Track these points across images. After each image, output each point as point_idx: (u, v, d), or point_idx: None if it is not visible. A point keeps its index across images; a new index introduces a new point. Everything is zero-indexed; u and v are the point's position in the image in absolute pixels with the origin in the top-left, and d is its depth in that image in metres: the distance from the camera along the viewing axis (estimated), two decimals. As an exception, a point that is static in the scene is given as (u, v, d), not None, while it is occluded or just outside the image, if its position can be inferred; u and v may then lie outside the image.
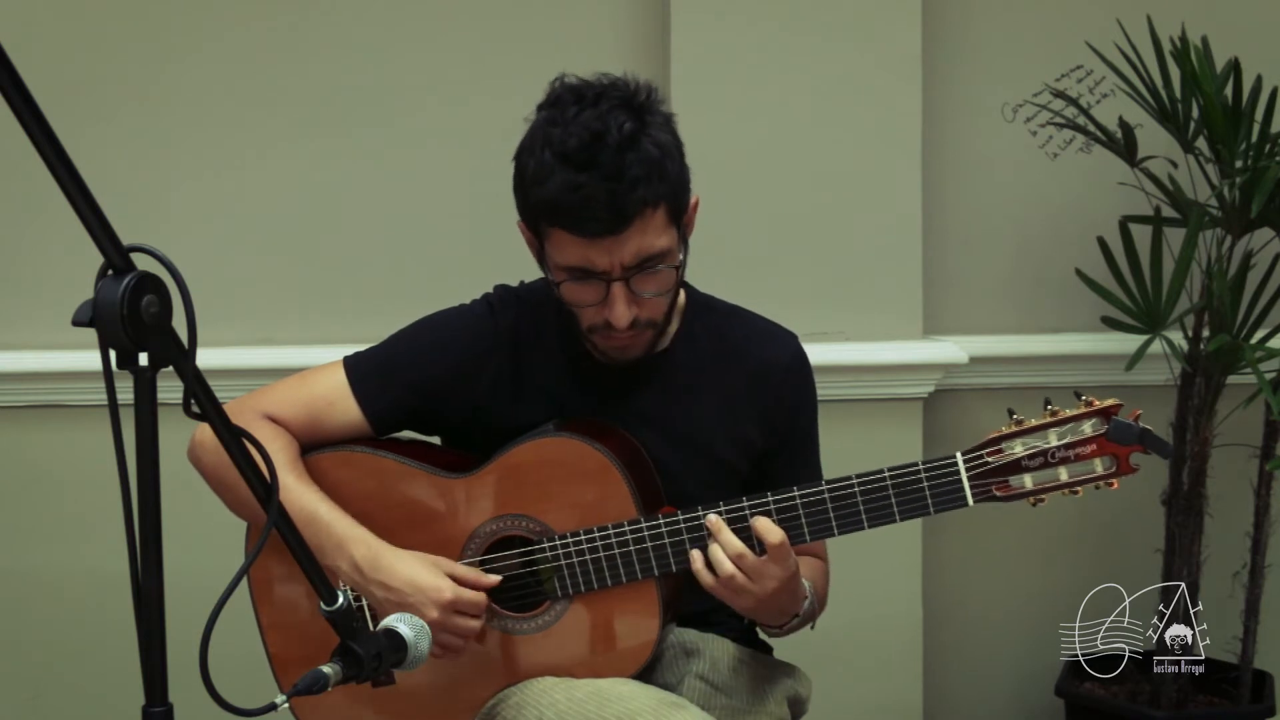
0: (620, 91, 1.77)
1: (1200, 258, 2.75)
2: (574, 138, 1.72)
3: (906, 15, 2.86)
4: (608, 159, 1.71)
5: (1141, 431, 1.69)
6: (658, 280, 1.79)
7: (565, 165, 1.72)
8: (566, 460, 1.84)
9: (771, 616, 1.85)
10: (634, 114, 1.75)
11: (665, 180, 1.75)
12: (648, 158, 1.73)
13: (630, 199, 1.71)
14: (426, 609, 1.78)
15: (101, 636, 2.86)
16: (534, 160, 1.76)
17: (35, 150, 1.12)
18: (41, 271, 2.85)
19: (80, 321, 1.19)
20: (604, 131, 1.71)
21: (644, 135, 1.74)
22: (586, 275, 1.77)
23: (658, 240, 1.76)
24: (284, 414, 1.92)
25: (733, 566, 1.74)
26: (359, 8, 2.88)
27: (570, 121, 1.73)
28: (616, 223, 1.72)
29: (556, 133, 1.73)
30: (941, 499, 1.74)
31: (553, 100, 1.79)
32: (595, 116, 1.73)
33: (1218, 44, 2.78)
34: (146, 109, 2.85)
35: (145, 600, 1.23)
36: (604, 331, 1.82)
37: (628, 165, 1.71)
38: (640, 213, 1.73)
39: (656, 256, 1.77)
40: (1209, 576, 2.83)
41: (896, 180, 2.89)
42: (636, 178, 1.71)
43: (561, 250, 1.77)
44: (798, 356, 1.99)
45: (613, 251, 1.74)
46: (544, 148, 1.74)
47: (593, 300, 1.79)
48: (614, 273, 1.76)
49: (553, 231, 1.77)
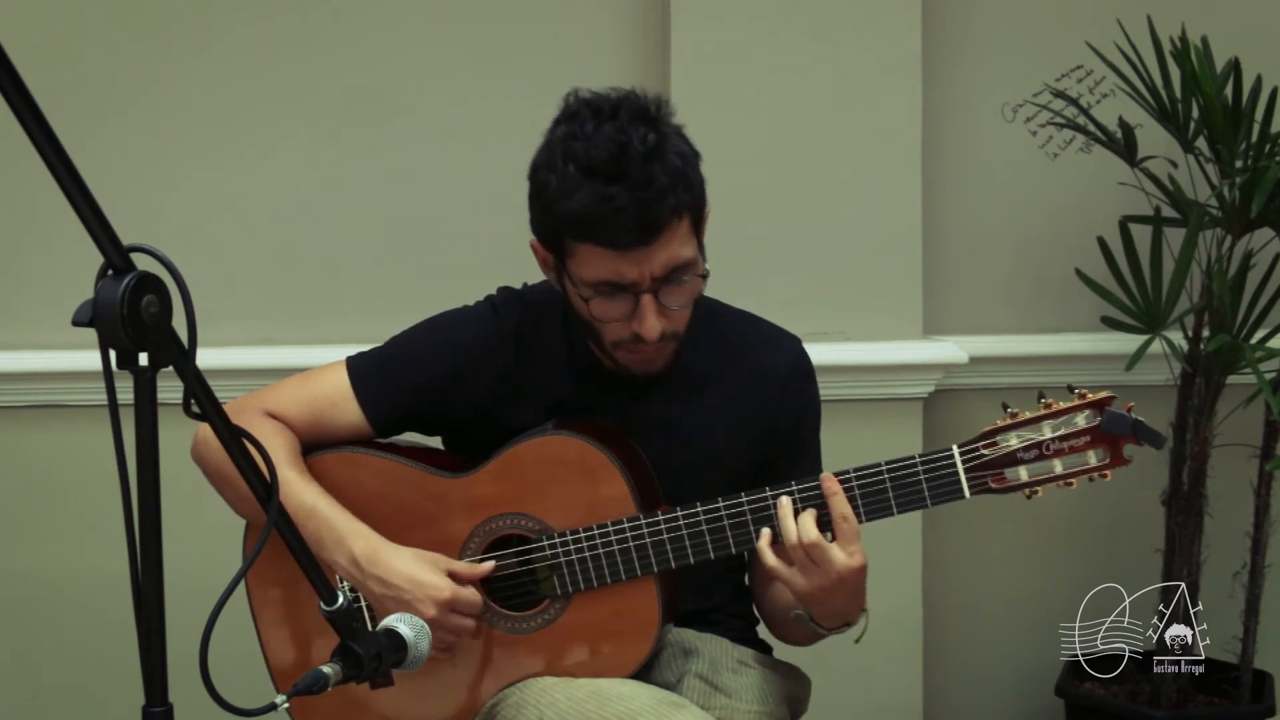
0: (636, 103, 1.77)
1: (1200, 258, 2.75)
2: (599, 150, 1.71)
3: (906, 15, 2.86)
4: (635, 170, 1.70)
5: (1134, 422, 1.70)
6: (684, 291, 1.79)
7: (592, 178, 1.71)
8: (565, 458, 1.84)
9: (828, 611, 1.82)
10: (653, 125, 1.75)
11: (690, 189, 1.76)
12: (673, 167, 1.73)
13: (660, 209, 1.71)
14: (424, 606, 1.78)
15: (101, 636, 2.86)
16: (556, 175, 1.74)
17: (35, 150, 1.12)
18: (41, 271, 2.85)
19: (80, 321, 1.19)
20: (628, 143, 1.71)
21: (666, 145, 1.74)
22: (616, 289, 1.76)
23: (684, 250, 1.76)
24: (286, 413, 1.92)
25: (799, 546, 1.73)
26: (359, 8, 2.87)
27: (592, 135, 1.72)
28: (647, 233, 1.72)
29: (579, 146, 1.72)
30: (938, 491, 1.75)
31: (569, 115, 1.77)
32: (616, 129, 1.72)
33: (1218, 44, 2.78)
34: (146, 109, 2.85)
35: (145, 600, 1.23)
36: (631, 345, 1.81)
37: (655, 175, 1.71)
38: (669, 223, 1.73)
39: (683, 266, 1.77)
40: (1209, 576, 2.83)
41: (896, 180, 2.89)
42: (664, 187, 1.71)
43: (590, 265, 1.76)
44: (802, 363, 1.99)
45: (642, 263, 1.74)
46: (567, 161, 1.73)
47: (622, 315, 1.78)
48: (643, 284, 1.75)
49: (579, 247, 1.75)
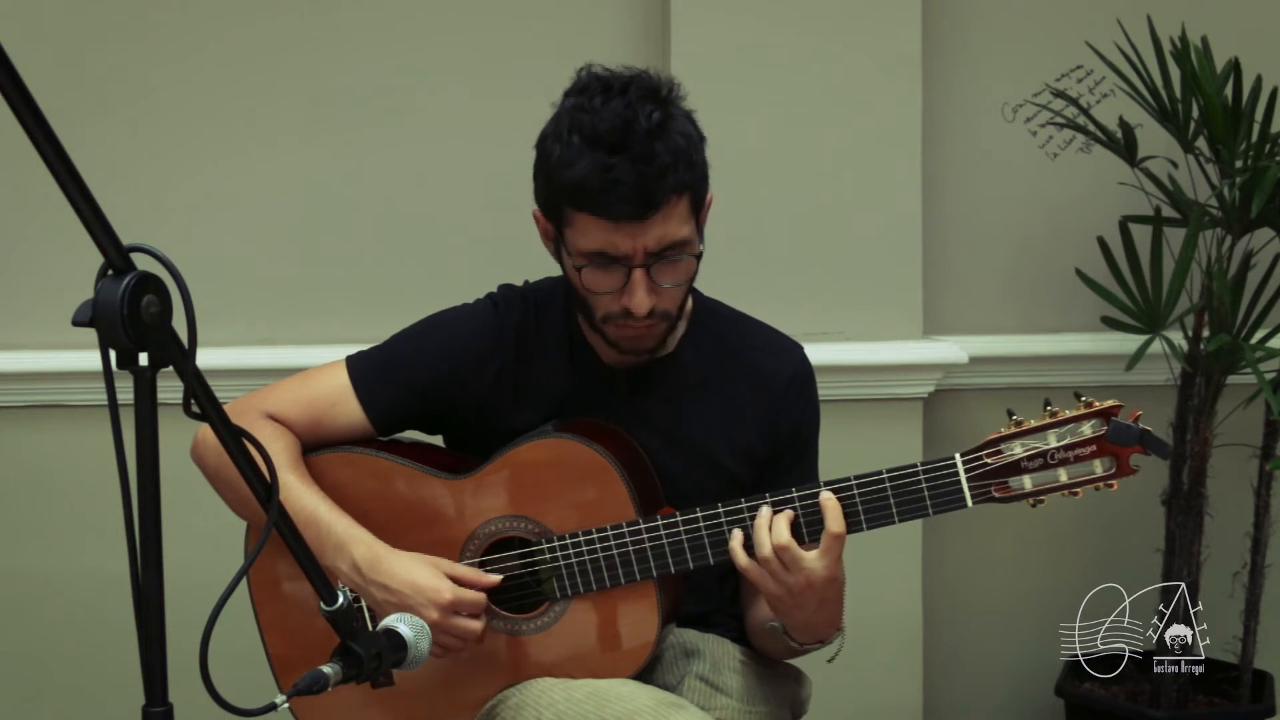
0: (647, 82, 1.79)
1: (1200, 258, 2.75)
2: (605, 122, 1.73)
3: (906, 15, 2.86)
4: (638, 144, 1.72)
5: (1141, 432, 1.68)
6: (677, 270, 1.80)
7: (595, 148, 1.73)
8: (566, 461, 1.84)
9: (799, 621, 1.81)
10: (661, 105, 1.77)
11: (691, 170, 1.77)
12: (676, 146, 1.75)
13: (659, 185, 1.72)
14: (426, 610, 1.78)
15: (101, 636, 2.86)
16: (560, 145, 1.76)
17: (35, 150, 1.12)
18: (41, 271, 2.85)
19: (80, 321, 1.19)
20: (634, 119, 1.73)
21: (672, 124, 1.76)
22: (608, 261, 1.77)
23: (680, 229, 1.77)
24: (286, 413, 1.92)
25: (771, 551, 1.72)
26: (359, 7, 2.87)
27: (599, 109, 1.74)
28: (643, 208, 1.73)
29: (586, 118, 1.74)
30: (940, 500, 1.74)
31: (580, 88, 1.79)
32: (624, 104, 1.74)
33: (1218, 44, 2.78)
34: (146, 109, 2.85)
35: (145, 600, 1.23)
36: (619, 320, 1.82)
37: (657, 152, 1.72)
38: (666, 200, 1.74)
39: (678, 245, 1.78)
40: (1209, 576, 2.83)
41: (896, 180, 2.89)
42: (666, 164, 1.73)
43: (585, 235, 1.77)
44: (803, 369, 1.99)
45: (636, 237, 1.75)
46: (572, 132, 1.75)
47: (612, 287, 1.79)
48: (636, 259, 1.76)
49: (576, 216, 1.77)
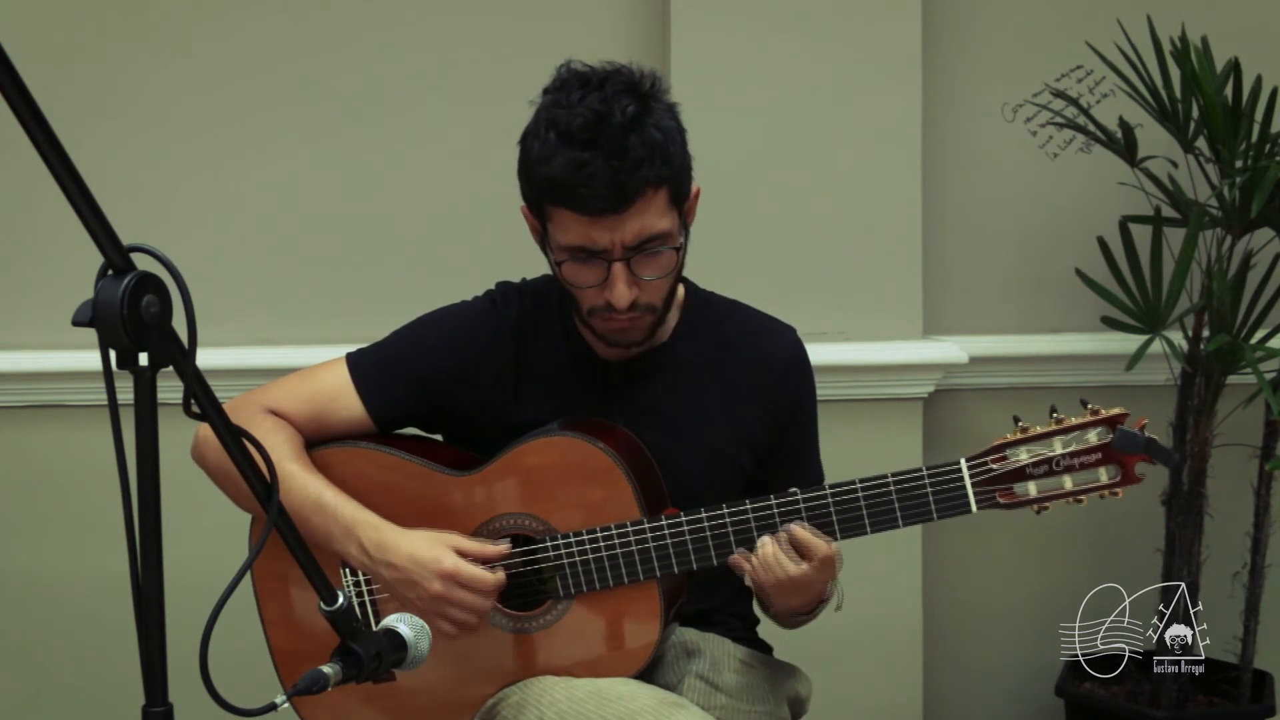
0: (625, 77, 1.80)
1: (1200, 258, 2.75)
2: (578, 118, 1.74)
3: (906, 15, 2.86)
4: (611, 139, 1.73)
5: (1147, 441, 1.68)
6: (658, 263, 1.81)
7: (569, 144, 1.74)
8: (571, 460, 1.84)
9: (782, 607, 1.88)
10: (638, 99, 1.77)
11: (668, 163, 1.77)
12: (650, 140, 1.75)
13: (633, 179, 1.73)
14: (429, 582, 1.79)
15: (101, 636, 2.86)
16: (538, 141, 1.78)
17: (35, 150, 1.12)
18: (41, 271, 2.85)
19: (80, 321, 1.19)
20: (608, 113, 1.74)
21: (647, 118, 1.77)
22: (588, 255, 1.78)
23: (659, 222, 1.78)
24: (287, 409, 1.93)
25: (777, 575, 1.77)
26: (358, 7, 2.87)
27: (575, 104, 1.76)
28: (618, 202, 1.74)
29: (561, 114, 1.76)
30: (945, 505, 1.74)
31: (558, 84, 1.81)
32: (600, 99, 1.75)
33: (1218, 44, 2.78)
34: (146, 109, 2.85)
35: (145, 600, 1.23)
36: (603, 314, 1.83)
37: (631, 146, 1.73)
38: (642, 193, 1.75)
39: (657, 238, 1.79)
40: (1209, 576, 2.83)
41: (896, 180, 2.89)
42: (639, 158, 1.73)
43: (564, 230, 1.78)
44: (797, 350, 2.00)
45: (614, 230, 1.75)
46: (548, 128, 1.76)
47: (593, 281, 1.80)
48: (615, 252, 1.77)
49: (555, 211, 1.78)
